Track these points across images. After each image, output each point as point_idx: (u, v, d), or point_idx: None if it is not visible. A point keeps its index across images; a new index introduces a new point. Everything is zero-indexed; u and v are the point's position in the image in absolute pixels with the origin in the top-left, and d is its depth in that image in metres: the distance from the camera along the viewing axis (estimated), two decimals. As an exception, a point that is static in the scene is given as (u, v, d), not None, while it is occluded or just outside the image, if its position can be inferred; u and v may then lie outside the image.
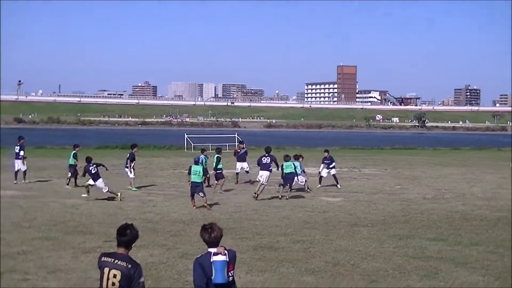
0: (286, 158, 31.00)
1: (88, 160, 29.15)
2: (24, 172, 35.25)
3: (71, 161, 33.83)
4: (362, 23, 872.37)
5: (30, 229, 21.16)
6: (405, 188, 34.86)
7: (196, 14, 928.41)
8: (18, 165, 35.24)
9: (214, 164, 32.94)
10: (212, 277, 8.69)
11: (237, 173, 37.29)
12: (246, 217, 24.44)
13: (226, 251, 8.88)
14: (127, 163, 33.06)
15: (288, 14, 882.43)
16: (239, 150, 38.22)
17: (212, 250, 8.83)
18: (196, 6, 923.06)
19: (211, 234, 8.88)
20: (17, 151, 35.92)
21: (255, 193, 29.65)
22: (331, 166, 35.93)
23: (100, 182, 28.81)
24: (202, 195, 26.69)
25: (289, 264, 16.64)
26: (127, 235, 8.68)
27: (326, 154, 37.09)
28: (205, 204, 26.73)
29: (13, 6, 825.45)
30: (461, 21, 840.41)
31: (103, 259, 8.65)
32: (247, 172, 37.20)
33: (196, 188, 26.83)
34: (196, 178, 26.91)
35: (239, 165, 37.16)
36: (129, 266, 8.49)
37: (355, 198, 30.30)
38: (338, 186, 34.91)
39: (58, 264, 16.25)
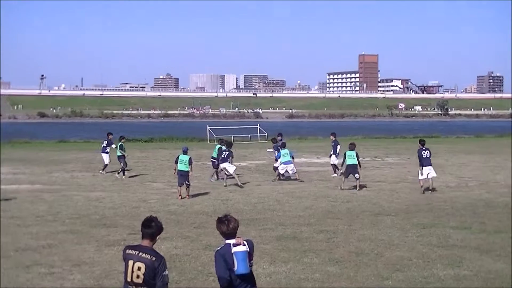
0: (351, 147, 30.57)
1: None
2: (106, 165, 36.51)
3: (119, 152, 34.30)
4: (383, 12, 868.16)
5: (55, 222, 21.31)
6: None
7: (216, 6, 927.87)
8: (105, 158, 36.67)
9: (216, 153, 33.27)
10: (235, 268, 8.71)
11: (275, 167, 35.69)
12: (269, 207, 24.45)
13: (245, 241, 8.91)
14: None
15: (309, 3, 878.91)
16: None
17: (231, 241, 8.85)
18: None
19: (229, 226, 8.90)
20: (104, 145, 37.36)
21: (430, 189, 28.44)
22: (335, 151, 35.48)
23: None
24: (188, 183, 27.18)
25: (312, 254, 16.65)
26: (152, 227, 8.74)
27: (332, 137, 36.75)
28: (187, 195, 27.13)
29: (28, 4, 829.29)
30: (483, 9, 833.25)
31: (127, 251, 8.70)
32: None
33: (181, 177, 27.30)
34: (182, 167, 27.47)
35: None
36: (153, 258, 8.53)
37: (378, 187, 30.22)
38: (333, 175, 34.73)
39: (83, 257, 16.37)
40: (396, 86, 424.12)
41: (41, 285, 14.00)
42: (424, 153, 28.69)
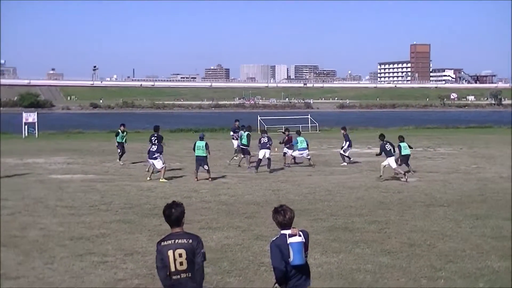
0: (401, 139, 31.65)
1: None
2: (235, 150, 38.03)
3: (120, 139, 37.46)
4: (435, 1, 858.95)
5: (107, 212, 21.53)
6: (481, 167, 34.31)
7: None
8: (234, 144, 38.27)
9: (244, 140, 34.64)
10: (290, 259, 8.67)
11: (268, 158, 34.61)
12: (320, 198, 24.38)
13: (300, 232, 8.86)
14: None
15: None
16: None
17: (286, 232, 8.80)
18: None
19: (285, 216, 8.85)
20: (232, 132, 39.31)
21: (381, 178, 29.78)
22: (344, 144, 36.37)
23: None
24: (207, 167, 29.22)
25: (364, 245, 16.57)
26: (173, 213, 8.89)
27: (342, 131, 37.61)
28: (209, 177, 29.11)
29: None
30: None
31: (162, 244, 8.73)
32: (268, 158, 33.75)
33: (200, 161, 29.31)
34: (200, 152, 29.39)
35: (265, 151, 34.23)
36: (190, 241, 8.70)
37: (430, 178, 29.97)
38: (344, 163, 35.80)
39: (135, 247, 16.51)
40: (449, 76, 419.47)
41: (95, 273, 14.15)
42: (387, 146, 30.10)
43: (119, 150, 37.16)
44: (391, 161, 29.74)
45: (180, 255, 8.55)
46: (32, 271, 14.35)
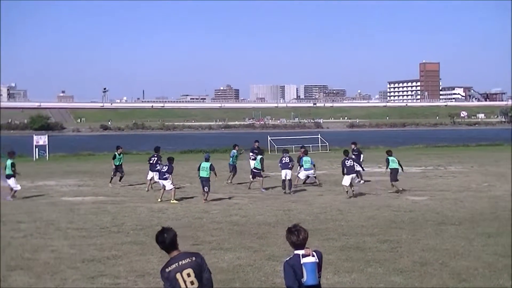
0: (390, 153, 32.41)
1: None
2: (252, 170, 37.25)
3: (117, 162, 37.36)
4: (443, 19, 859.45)
5: (119, 233, 21.52)
6: (492, 185, 34.21)
7: (276, 16, 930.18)
8: (251, 164, 37.93)
9: (257, 164, 34.74)
10: (303, 279, 8.67)
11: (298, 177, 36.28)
12: (332, 217, 24.35)
13: (314, 252, 8.86)
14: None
15: (369, 12, 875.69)
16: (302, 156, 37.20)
17: (300, 252, 8.80)
18: (276, 7, 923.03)
19: (299, 236, 8.85)
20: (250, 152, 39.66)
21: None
22: (360, 160, 36.78)
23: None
24: (207, 189, 29.27)
25: (376, 264, 16.52)
26: (166, 238, 8.82)
27: (353, 146, 38.10)
28: (205, 198, 29.22)
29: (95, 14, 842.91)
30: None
31: (167, 270, 8.61)
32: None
33: (203, 182, 29.38)
34: (204, 173, 29.49)
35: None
36: (194, 258, 8.69)
37: (442, 197, 29.90)
38: (361, 182, 35.31)
39: (147, 268, 16.48)
40: (458, 94, 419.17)
41: (107, 295, 14.15)
42: (347, 162, 30.75)
43: (112, 173, 37.17)
44: (346, 178, 30.51)
45: (189, 275, 8.52)
46: (44, 294, 14.37)
